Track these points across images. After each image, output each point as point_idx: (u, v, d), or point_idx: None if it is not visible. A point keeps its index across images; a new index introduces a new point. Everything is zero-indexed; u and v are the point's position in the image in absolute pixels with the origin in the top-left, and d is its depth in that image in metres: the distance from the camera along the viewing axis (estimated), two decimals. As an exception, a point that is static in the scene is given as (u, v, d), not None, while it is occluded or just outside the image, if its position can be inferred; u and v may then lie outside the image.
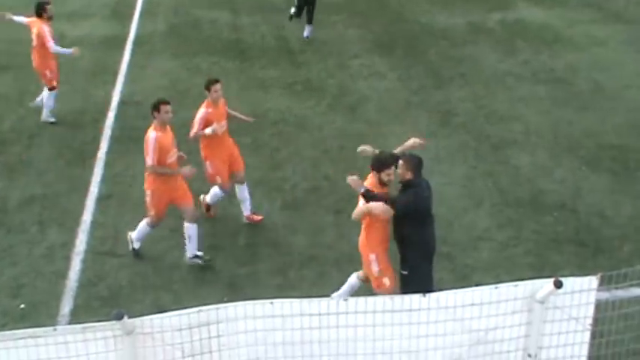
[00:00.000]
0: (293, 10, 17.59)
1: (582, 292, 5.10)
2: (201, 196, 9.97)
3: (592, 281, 5.09)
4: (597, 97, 13.96)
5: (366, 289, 7.76)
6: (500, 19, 18.57)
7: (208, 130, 9.29)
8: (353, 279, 7.98)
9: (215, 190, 9.82)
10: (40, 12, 12.28)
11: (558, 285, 4.88)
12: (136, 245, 9.21)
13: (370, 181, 7.49)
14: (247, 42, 17.22)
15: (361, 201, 7.40)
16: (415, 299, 4.97)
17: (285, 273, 8.93)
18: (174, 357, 4.90)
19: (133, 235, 9.21)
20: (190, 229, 8.95)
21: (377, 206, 7.20)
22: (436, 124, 12.83)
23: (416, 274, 7.23)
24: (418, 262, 7.27)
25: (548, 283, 4.95)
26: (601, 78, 14.79)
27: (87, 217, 10.10)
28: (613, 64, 15.51)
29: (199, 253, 9.03)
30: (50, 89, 12.68)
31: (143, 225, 9.11)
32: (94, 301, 8.43)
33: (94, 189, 10.80)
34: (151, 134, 8.67)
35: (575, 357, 5.23)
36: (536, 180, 11.01)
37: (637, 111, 13.31)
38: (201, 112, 9.45)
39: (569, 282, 5.00)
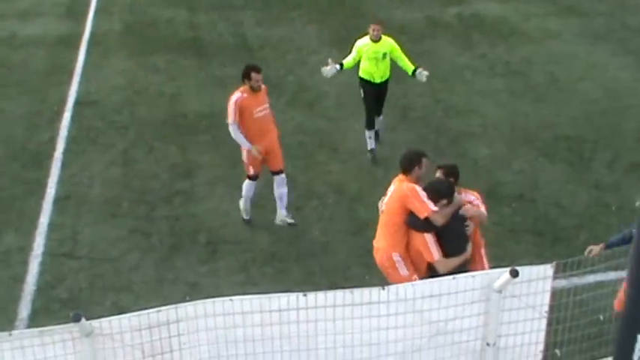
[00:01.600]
0: (369, 141, 11.59)
1: (538, 281, 5.18)
2: None
3: (547, 269, 5.18)
4: (552, 89, 14.18)
5: (328, 285, 7.81)
6: (457, 13, 18.74)
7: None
8: None
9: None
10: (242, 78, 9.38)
11: (514, 274, 4.96)
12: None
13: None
14: (205, 40, 17.12)
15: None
16: (374, 292, 5.01)
17: (246, 270, 8.93)
18: (134, 357, 4.87)
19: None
20: None
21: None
22: (395, 119, 12.90)
23: None
24: None
25: (504, 273, 5.03)
26: (556, 70, 15.02)
27: (44, 219, 9.97)
28: (567, 57, 15.76)
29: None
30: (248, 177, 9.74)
31: None
32: (53, 305, 8.34)
33: (50, 190, 10.67)
34: None
35: (532, 344, 5.32)
36: (494, 172, 11.16)
37: (591, 102, 13.56)
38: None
39: (525, 271, 5.08)
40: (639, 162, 11.30)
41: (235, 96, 9.20)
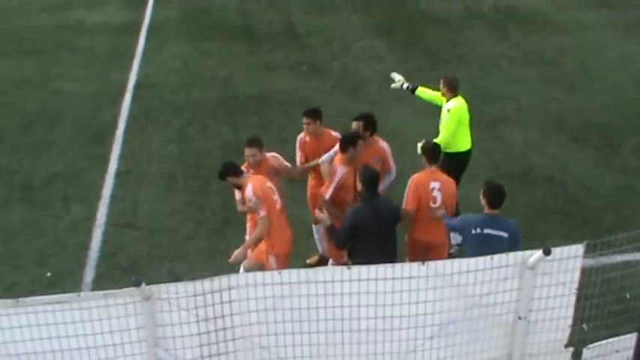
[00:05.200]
0: None
1: (569, 259, 5.12)
2: None
3: (578, 249, 5.11)
4: (584, 78, 13.89)
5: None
6: (494, 4, 18.43)
7: None
8: None
9: None
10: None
11: (547, 253, 4.90)
12: None
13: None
14: (255, 27, 17.11)
15: None
16: (414, 267, 4.99)
17: (295, 243, 8.93)
18: (189, 320, 4.93)
19: None
20: None
21: None
22: (433, 106, 12.74)
23: None
24: None
25: (537, 252, 4.97)
26: (587, 60, 14.69)
27: (107, 192, 10.11)
28: (598, 48, 15.40)
29: None
30: None
31: None
32: (114, 271, 8.47)
33: (113, 165, 10.80)
34: None
35: (562, 318, 5.27)
36: (527, 155, 10.99)
37: (620, 91, 13.25)
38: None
39: (557, 250, 5.03)
40: (666, 149, 11.04)
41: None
